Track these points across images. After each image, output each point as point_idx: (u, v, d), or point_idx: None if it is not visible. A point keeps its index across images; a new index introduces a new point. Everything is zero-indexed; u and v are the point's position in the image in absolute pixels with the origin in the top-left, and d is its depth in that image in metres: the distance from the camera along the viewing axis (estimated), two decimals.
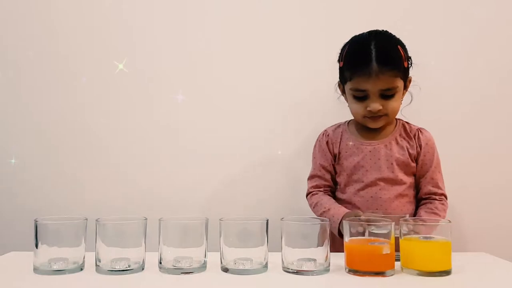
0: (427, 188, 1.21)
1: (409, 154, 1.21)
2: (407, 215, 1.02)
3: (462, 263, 0.91)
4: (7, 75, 1.50)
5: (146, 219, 0.90)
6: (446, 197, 1.23)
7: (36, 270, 0.86)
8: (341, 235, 1.08)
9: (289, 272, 0.86)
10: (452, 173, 1.47)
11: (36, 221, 0.87)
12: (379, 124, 1.20)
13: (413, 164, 1.21)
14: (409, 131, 1.24)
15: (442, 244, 0.86)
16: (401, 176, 1.19)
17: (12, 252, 1.05)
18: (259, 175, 1.48)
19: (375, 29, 1.19)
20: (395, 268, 0.86)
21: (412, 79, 1.23)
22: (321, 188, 1.26)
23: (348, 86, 1.19)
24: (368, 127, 1.22)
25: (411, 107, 1.30)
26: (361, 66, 1.13)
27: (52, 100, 1.50)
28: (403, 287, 0.81)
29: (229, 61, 1.49)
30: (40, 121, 1.49)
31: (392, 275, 0.85)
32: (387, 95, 1.15)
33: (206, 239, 0.89)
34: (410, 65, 1.20)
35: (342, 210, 1.14)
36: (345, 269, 0.88)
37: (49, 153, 1.49)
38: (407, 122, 1.27)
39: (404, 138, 1.23)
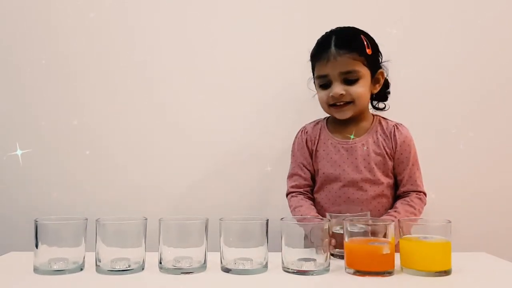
0: (405, 186, 1.20)
1: (386, 152, 1.19)
2: (368, 213, 1.05)
3: (462, 263, 0.91)
4: (7, 75, 1.50)
5: (146, 219, 0.90)
6: (425, 194, 1.22)
7: (36, 270, 0.87)
8: None
9: (289, 272, 0.86)
10: (452, 173, 1.47)
11: (36, 221, 0.87)
12: (346, 114, 1.18)
13: (391, 162, 1.20)
14: (385, 128, 1.22)
15: (442, 244, 0.86)
16: (379, 176, 1.18)
17: (12, 252, 1.05)
18: (259, 175, 1.48)
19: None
20: (395, 268, 0.86)
21: (385, 74, 1.22)
22: (301, 188, 1.24)
23: (315, 76, 1.21)
24: (339, 120, 1.20)
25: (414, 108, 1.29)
26: (321, 52, 1.16)
27: (52, 100, 1.50)
28: (403, 287, 0.81)
29: (232, 61, 1.49)
30: (40, 121, 1.49)
31: (392, 275, 0.85)
32: (349, 79, 1.15)
33: (206, 239, 0.89)
34: (379, 57, 1.21)
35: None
36: (345, 269, 0.88)
37: (49, 153, 1.49)
38: (384, 118, 1.26)
39: (381, 135, 1.21)
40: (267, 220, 0.89)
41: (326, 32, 1.21)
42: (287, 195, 1.26)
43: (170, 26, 1.50)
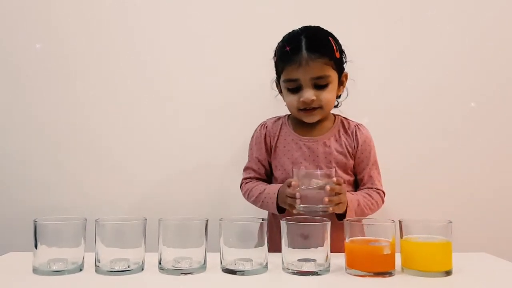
0: (365, 185, 1.20)
1: (348, 151, 1.19)
2: (333, 169, 1.06)
3: (463, 263, 0.91)
4: (8, 75, 1.50)
5: (146, 219, 0.89)
6: (384, 193, 1.21)
7: (35, 270, 0.86)
8: (280, 210, 1.11)
9: (289, 272, 0.86)
10: (453, 173, 1.47)
11: (36, 221, 0.86)
12: (315, 118, 1.18)
13: (352, 161, 1.20)
14: (347, 128, 1.23)
15: (443, 245, 0.86)
16: (340, 173, 1.17)
17: (12, 253, 1.05)
18: None
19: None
20: (396, 268, 0.86)
21: (348, 75, 1.22)
22: (254, 179, 1.24)
23: (281, 79, 1.17)
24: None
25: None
26: (291, 56, 1.12)
27: (52, 100, 1.50)
28: (403, 287, 0.81)
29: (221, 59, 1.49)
30: (40, 121, 1.49)
31: (392, 275, 0.85)
32: (320, 84, 1.13)
33: (206, 239, 0.89)
34: (344, 59, 1.19)
35: (276, 186, 1.14)
36: (346, 270, 0.87)
37: (49, 153, 1.49)
38: (345, 118, 1.26)
39: (343, 135, 1.21)
40: (267, 220, 0.88)
41: (293, 31, 1.18)
42: (240, 186, 1.25)
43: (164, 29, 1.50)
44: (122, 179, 1.49)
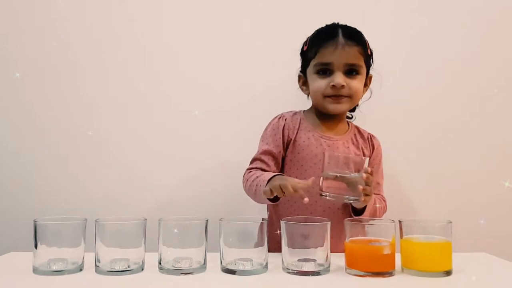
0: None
1: (364, 154, 1.19)
2: (367, 158, 1.00)
3: (463, 263, 0.91)
4: (8, 74, 1.50)
5: (146, 219, 0.89)
6: (386, 202, 1.22)
7: (35, 270, 0.86)
8: (273, 199, 1.03)
9: (289, 272, 0.86)
10: (453, 173, 1.47)
11: (36, 221, 0.86)
12: (341, 108, 1.15)
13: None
14: (362, 133, 1.24)
15: (443, 245, 0.86)
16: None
17: (12, 253, 1.05)
18: None
19: None
20: (396, 268, 0.86)
21: (372, 77, 1.23)
22: (259, 170, 1.15)
23: (312, 65, 1.15)
24: (323, 117, 1.18)
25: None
26: (327, 39, 1.13)
27: (53, 100, 1.49)
28: (403, 287, 0.81)
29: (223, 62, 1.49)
30: (41, 121, 1.49)
31: (392, 275, 0.85)
32: (352, 71, 1.13)
33: (206, 239, 0.89)
34: (372, 59, 1.20)
35: (272, 173, 1.06)
36: (346, 270, 0.87)
37: (49, 153, 1.49)
38: (358, 126, 1.26)
39: (360, 139, 1.22)
40: (267, 220, 0.88)
41: (328, 24, 1.19)
42: (243, 175, 1.16)
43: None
44: (122, 179, 1.48)
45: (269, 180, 1.02)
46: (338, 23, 1.19)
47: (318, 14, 1.38)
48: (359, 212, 1.09)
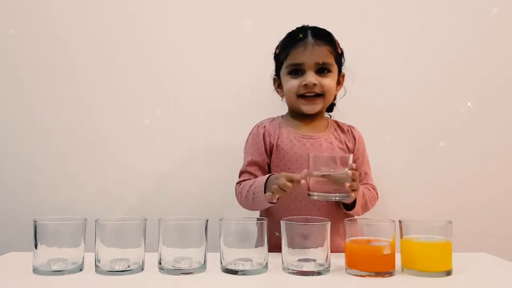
0: (361, 183, 1.18)
1: (347, 147, 1.21)
2: (351, 155, 1.02)
3: (463, 263, 0.91)
4: (8, 74, 1.50)
5: (146, 219, 0.89)
6: (377, 190, 1.22)
7: (35, 270, 0.86)
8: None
9: (289, 272, 0.86)
10: (453, 173, 1.47)
11: (36, 221, 0.86)
12: (315, 108, 1.17)
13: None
14: (342, 126, 1.25)
15: (443, 245, 0.86)
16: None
17: (12, 253, 1.05)
18: None
19: None
20: (396, 268, 0.86)
21: (345, 77, 1.24)
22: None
23: (284, 66, 1.19)
24: (301, 117, 1.20)
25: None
26: (297, 41, 1.16)
27: (53, 100, 1.49)
28: (403, 287, 0.81)
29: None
30: (41, 121, 1.49)
31: (392, 275, 0.85)
32: (323, 70, 1.16)
33: (206, 239, 0.89)
34: (343, 58, 1.22)
35: (266, 175, 1.09)
36: (346, 270, 0.87)
37: (50, 153, 1.49)
38: (337, 121, 1.27)
39: (340, 133, 1.23)
40: (267, 220, 0.88)
41: (298, 27, 1.21)
42: (235, 190, 1.19)
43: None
44: (123, 179, 1.48)
45: (265, 185, 1.05)
46: (307, 25, 1.21)
47: (318, 14, 1.38)
48: (349, 207, 1.10)
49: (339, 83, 1.22)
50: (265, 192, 1.05)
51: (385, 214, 1.38)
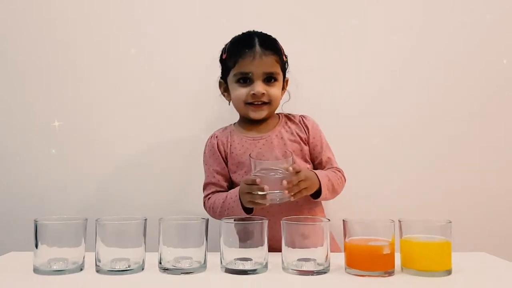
0: (325, 168, 1.21)
1: (300, 137, 1.22)
2: (290, 158, 1.05)
3: (463, 263, 0.91)
4: (8, 74, 1.50)
5: (146, 219, 0.90)
6: (343, 172, 1.23)
7: (36, 270, 0.86)
8: (247, 210, 1.10)
9: (289, 272, 0.86)
10: (453, 173, 1.47)
11: (36, 221, 0.87)
12: (262, 114, 1.21)
13: (306, 147, 1.22)
14: (293, 119, 1.26)
15: (442, 244, 0.86)
16: (299, 162, 1.18)
17: (12, 252, 1.05)
18: None
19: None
20: (395, 268, 0.86)
21: (288, 81, 1.27)
22: (216, 193, 1.21)
23: (232, 74, 1.20)
24: (251, 121, 1.22)
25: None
26: (245, 50, 1.18)
27: (53, 100, 1.49)
28: (403, 287, 0.81)
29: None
30: (42, 121, 1.49)
31: (392, 275, 0.85)
32: (270, 79, 1.19)
33: (206, 239, 0.89)
34: (287, 64, 1.25)
35: (237, 189, 1.12)
36: (345, 269, 0.88)
37: (50, 153, 1.49)
38: (287, 114, 1.29)
39: (291, 125, 1.24)
40: (267, 220, 0.89)
41: (243, 33, 1.24)
42: (204, 205, 1.22)
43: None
44: (122, 179, 1.49)
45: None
46: (253, 31, 1.24)
47: (318, 14, 1.38)
48: (317, 194, 1.11)
49: (283, 88, 1.26)
50: (241, 203, 1.09)
51: (384, 214, 1.37)
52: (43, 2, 1.50)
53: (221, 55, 1.26)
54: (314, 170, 1.15)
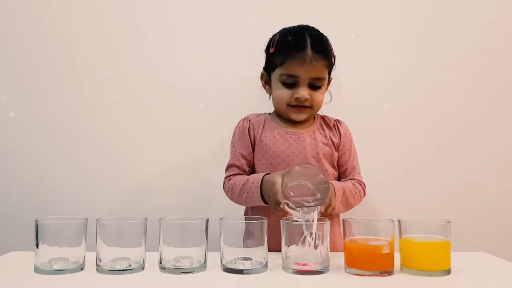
0: (348, 177, 1.20)
1: (332, 142, 1.20)
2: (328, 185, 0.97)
3: (462, 263, 0.91)
4: (8, 74, 1.50)
5: (146, 219, 0.90)
6: (364, 185, 1.21)
7: (36, 270, 0.87)
8: (265, 201, 1.06)
9: (289, 272, 0.86)
10: (453, 173, 1.48)
11: (37, 221, 0.87)
12: (302, 117, 1.18)
13: (336, 153, 1.20)
14: (328, 122, 1.25)
15: (442, 244, 0.86)
16: (327, 166, 1.17)
17: (13, 252, 1.05)
18: None
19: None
20: (395, 267, 0.86)
21: (332, 80, 1.23)
22: (237, 175, 1.18)
23: (277, 72, 1.16)
24: (290, 119, 1.20)
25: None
26: (296, 51, 1.12)
27: (53, 100, 1.50)
28: (402, 286, 0.81)
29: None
30: (42, 120, 1.49)
31: (391, 274, 0.85)
32: (316, 85, 1.15)
33: (207, 238, 0.89)
34: (334, 65, 1.21)
35: (261, 174, 1.09)
36: (345, 269, 0.88)
37: (50, 153, 1.49)
38: (323, 115, 1.27)
39: (326, 128, 1.23)
40: (267, 220, 0.89)
41: (295, 27, 1.18)
42: (223, 185, 1.20)
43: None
44: (123, 179, 1.49)
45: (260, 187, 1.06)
46: (306, 27, 1.17)
47: (319, 14, 1.38)
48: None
49: (326, 88, 1.22)
50: (261, 192, 1.06)
51: (384, 214, 1.38)
52: (43, 2, 1.50)
53: (268, 47, 1.20)
54: (332, 182, 1.11)
